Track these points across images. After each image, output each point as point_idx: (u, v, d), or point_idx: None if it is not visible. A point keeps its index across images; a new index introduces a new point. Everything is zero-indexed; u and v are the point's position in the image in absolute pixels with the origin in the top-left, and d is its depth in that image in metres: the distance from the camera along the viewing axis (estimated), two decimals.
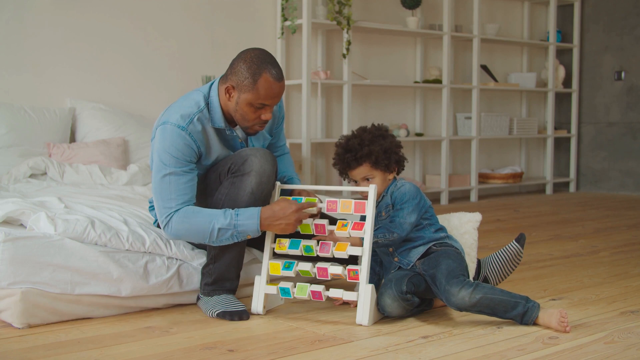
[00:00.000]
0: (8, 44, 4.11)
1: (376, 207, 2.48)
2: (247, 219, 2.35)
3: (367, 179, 2.47)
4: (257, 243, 2.66)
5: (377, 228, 2.42)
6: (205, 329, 2.30)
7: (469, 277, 2.41)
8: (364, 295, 2.34)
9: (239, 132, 2.59)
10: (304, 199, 2.48)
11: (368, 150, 2.44)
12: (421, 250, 2.46)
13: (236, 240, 2.38)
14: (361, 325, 2.33)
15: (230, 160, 2.46)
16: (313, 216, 2.47)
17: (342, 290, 2.38)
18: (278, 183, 2.54)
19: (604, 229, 4.48)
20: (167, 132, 2.42)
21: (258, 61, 2.41)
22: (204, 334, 2.25)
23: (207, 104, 2.49)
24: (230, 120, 2.54)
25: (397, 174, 2.56)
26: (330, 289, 2.39)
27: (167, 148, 2.41)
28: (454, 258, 2.41)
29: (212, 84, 2.55)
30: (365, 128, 2.51)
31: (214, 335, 2.24)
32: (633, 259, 3.48)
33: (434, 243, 2.48)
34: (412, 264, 2.46)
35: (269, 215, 2.36)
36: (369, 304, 2.33)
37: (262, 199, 2.44)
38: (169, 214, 2.39)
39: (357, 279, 2.35)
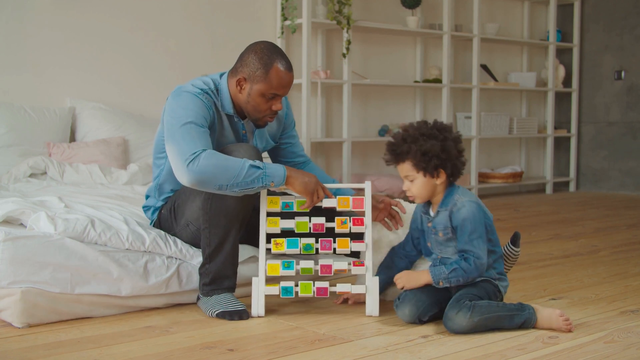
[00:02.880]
0: (8, 44, 4.10)
1: (431, 220, 2.35)
2: (275, 165, 2.36)
3: (410, 180, 2.32)
4: (254, 240, 2.66)
5: (451, 269, 2.24)
6: (205, 329, 2.30)
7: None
8: (372, 288, 2.40)
9: (246, 125, 2.60)
10: (295, 202, 2.46)
11: (407, 147, 2.29)
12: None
13: (259, 185, 2.32)
14: (371, 316, 2.40)
15: None
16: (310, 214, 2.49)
17: (349, 284, 2.44)
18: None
19: (604, 228, 4.48)
20: (183, 95, 2.44)
21: (268, 52, 2.46)
22: (203, 334, 2.25)
23: (217, 89, 2.53)
24: (239, 113, 2.55)
25: (452, 179, 2.35)
26: (337, 284, 2.43)
27: (185, 105, 2.41)
28: (483, 293, 2.28)
29: (222, 73, 2.58)
30: (419, 123, 2.33)
31: (213, 334, 2.24)
32: (633, 259, 3.48)
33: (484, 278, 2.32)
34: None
35: (294, 170, 2.39)
36: (377, 296, 2.41)
37: (248, 195, 2.42)
38: (196, 152, 2.29)
39: (363, 265, 2.41)
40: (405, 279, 2.34)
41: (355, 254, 2.65)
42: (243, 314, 2.40)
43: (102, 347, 2.12)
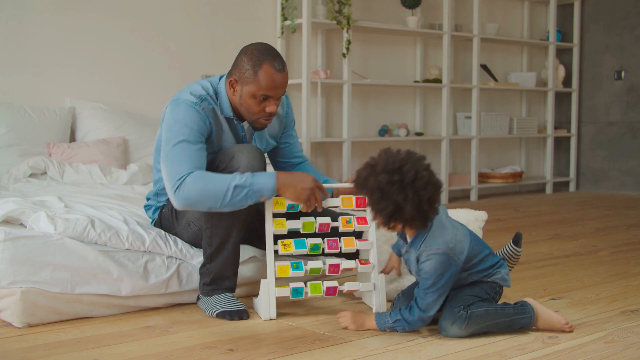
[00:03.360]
0: (8, 44, 4.10)
1: (406, 249, 2.25)
2: (264, 178, 2.32)
3: None
4: (255, 241, 2.66)
5: (395, 319, 2.20)
6: (205, 329, 2.30)
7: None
8: (379, 284, 2.44)
9: (246, 127, 2.60)
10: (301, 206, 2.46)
11: (365, 193, 2.14)
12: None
13: (249, 202, 2.32)
14: (379, 312, 2.41)
15: (217, 158, 2.45)
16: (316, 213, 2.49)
17: (357, 282, 2.46)
18: None
19: (604, 228, 4.48)
20: (180, 107, 2.43)
21: (258, 53, 2.44)
22: (203, 334, 2.25)
23: (216, 93, 2.52)
24: (239, 115, 2.55)
25: (423, 224, 2.14)
26: (345, 283, 2.44)
27: (181, 119, 2.40)
28: (480, 292, 2.24)
29: (221, 76, 2.57)
30: (387, 167, 2.08)
31: (213, 334, 2.24)
32: (633, 258, 3.48)
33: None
34: None
35: (286, 177, 2.35)
36: (384, 293, 2.45)
37: None
38: (182, 177, 2.31)
39: (369, 263, 2.44)
40: (350, 320, 2.26)
41: (352, 254, 2.63)
42: (243, 314, 2.40)
43: (102, 347, 2.12)
